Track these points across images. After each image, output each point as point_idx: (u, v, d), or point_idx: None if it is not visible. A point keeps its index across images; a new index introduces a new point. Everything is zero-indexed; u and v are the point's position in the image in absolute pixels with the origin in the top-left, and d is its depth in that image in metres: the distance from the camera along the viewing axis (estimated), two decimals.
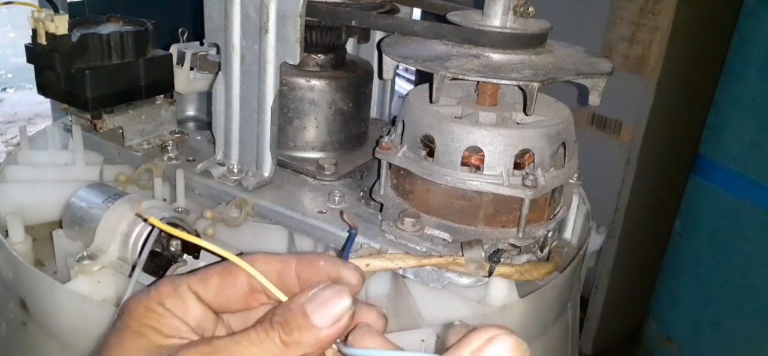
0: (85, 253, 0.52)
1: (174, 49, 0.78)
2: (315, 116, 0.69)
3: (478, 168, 0.55)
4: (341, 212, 0.62)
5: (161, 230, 0.51)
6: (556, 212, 0.60)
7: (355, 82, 0.70)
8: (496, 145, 0.53)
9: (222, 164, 0.69)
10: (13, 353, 0.61)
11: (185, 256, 0.52)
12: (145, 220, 0.35)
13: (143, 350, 0.32)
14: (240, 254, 0.34)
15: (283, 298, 0.33)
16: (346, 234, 0.58)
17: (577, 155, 0.61)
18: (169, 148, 0.73)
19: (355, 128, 0.73)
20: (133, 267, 0.51)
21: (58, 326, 0.55)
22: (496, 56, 0.56)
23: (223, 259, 0.34)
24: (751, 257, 1.55)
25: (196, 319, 0.34)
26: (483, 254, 0.53)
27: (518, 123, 0.58)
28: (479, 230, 0.55)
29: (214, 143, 0.70)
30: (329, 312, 0.31)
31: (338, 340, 0.32)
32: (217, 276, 0.34)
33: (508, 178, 0.53)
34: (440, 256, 0.54)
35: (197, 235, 0.57)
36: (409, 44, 0.60)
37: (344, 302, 0.31)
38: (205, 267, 0.35)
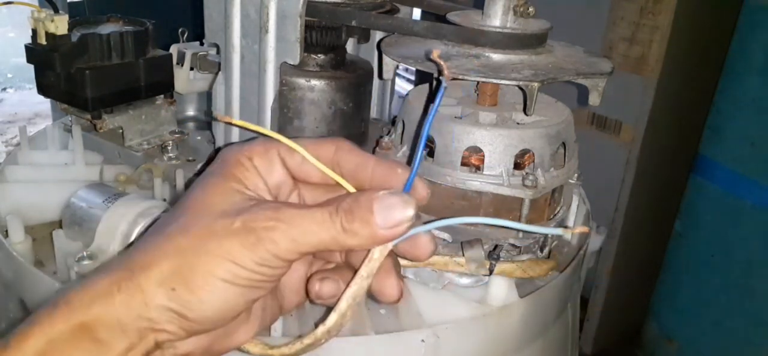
0: (85, 253, 0.52)
1: (174, 49, 0.78)
2: (315, 116, 0.69)
3: (478, 168, 0.55)
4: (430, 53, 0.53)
5: None
6: (556, 212, 0.60)
7: (355, 82, 0.70)
8: (496, 145, 0.53)
9: None
10: None
11: None
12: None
13: (223, 192, 0.36)
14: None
15: (351, 189, 0.37)
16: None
17: (577, 155, 0.61)
18: (169, 148, 0.73)
19: (355, 128, 0.73)
20: None
21: None
22: (496, 56, 0.56)
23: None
24: (751, 257, 1.55)
25: (276, 182, 0.39)
26: (483, 253, 0.53)
27: (518, 123, 0.58)
28: (479, 230, 0.55)
29: (214, 143, 0.70)
30: (392, 215, 0.34)
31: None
32: (305, 149, 0.38)
33: (508, 178, 0.53)
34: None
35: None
36: (409, 44, 0.60)
37: (408, 212, 0.34)
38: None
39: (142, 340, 0.33)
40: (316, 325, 0.38)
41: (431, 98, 0.46)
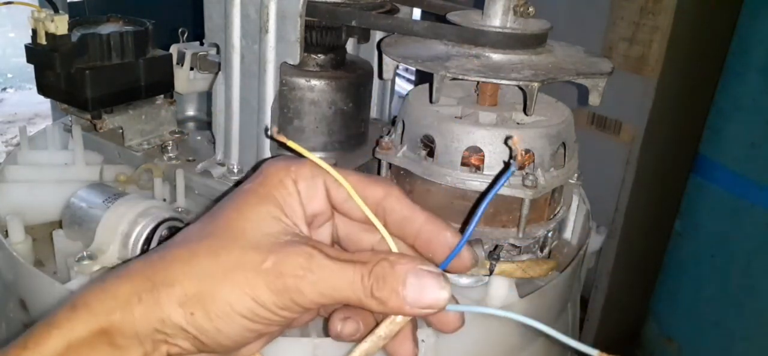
0: (85, 253, 0.52)
1: (174, 49, 0.78)
2: (315, 116, 0.69)
3: (478, 168, 0.55)
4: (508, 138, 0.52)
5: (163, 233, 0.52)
6: (556, 212, 0.60)
7: (355, 82, 0.70)
8: (496, 145, 0.53)
9: (222, 164, 0.69)
10: None
11: None
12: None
13: (259, 217, 0.34)
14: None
15: (394, 247, 0.35)
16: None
17: (577, 155, 0.61)
18: (169, 148, 0.73)
19: (355, 128, 0.73)
20: None
21: None
22: (496, 56, 0.56)
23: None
24: (751, 257, 1.55)
25: (315, 210, 0.37)
26: (483, 253, 0.53)
27: (518, 123, 0.58)
28: (479, 230, 0.55)
29: (214, 143, 0.70)
30: (424, 296, 0.32)
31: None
32: (354, 184, 0.36)
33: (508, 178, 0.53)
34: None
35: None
36: (409, 44, 0.60)
37: (441, 296, 0.32)
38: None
39: (155, 350, 0.33)
40: None
41: (495, 178, 0.45)
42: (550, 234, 0.59)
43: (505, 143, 0.52)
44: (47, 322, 0.33)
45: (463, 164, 0.54)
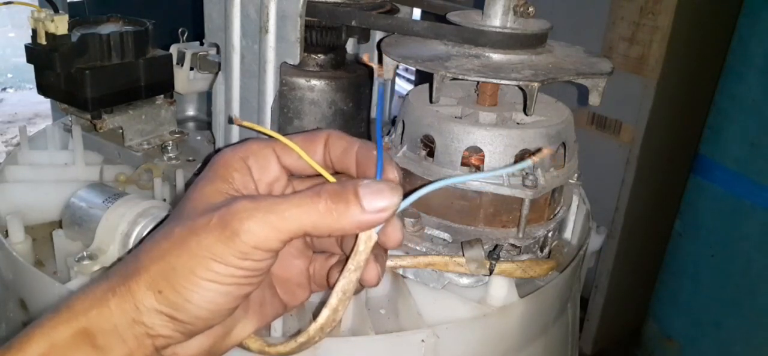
0: (85, 253, 0.52)
1: (174, 49, 0.78)
2: (315, 116, 0.69)
3: (478, 168, 0.55)
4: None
5: None
6: (556, 212, 0.60)
7: (355, 82, 0.70)
8: (496, 145, 0.53)
9: None
10: None
11: None
12: (240, 124, 0.42)
13: (209, 195, 0.36)
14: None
15: (331, 180, 0.37)
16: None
17: (577, 155, 0.61)
18: (169, 148, 0.73)
19: (355, 128, 0.73)
20: None
21: None
22: (496, 56, 0.56)
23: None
24: (751, 257, 1.55)
25: (269, 179, 0.39)
26: (483, 253, 0.53)
27: (518, 123, 0.58)
28: (479, 230, 0.55)
29: (214, 143, 0.70)
30: (378, 201, 0.33)
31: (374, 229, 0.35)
32: (299, 144, 0.38)
33: (508, 178, 0.53)
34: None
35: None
36: (409, 44, 0.60)
37: (394, 199, 0.34)
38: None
39: (140, 346, 0.33)
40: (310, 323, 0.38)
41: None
42: (550, 234, 0.59)
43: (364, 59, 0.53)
44: (33, 324, 0.33)
45: (463, 164, 0.54)
